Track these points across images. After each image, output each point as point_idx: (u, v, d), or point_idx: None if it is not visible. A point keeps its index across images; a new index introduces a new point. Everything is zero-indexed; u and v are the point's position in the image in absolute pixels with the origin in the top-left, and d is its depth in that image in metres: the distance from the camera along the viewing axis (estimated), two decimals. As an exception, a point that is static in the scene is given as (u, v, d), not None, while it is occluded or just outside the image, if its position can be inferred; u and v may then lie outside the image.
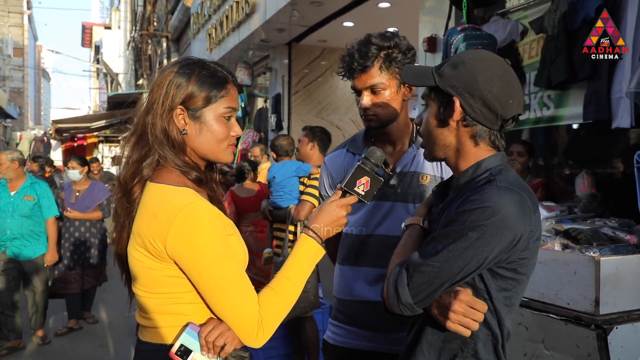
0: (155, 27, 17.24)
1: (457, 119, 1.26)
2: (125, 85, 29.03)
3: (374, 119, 1.74)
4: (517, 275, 1.24)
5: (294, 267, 1.33)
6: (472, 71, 1.25)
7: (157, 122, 1.31)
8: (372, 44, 1.69)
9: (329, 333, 1.89)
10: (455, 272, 1.18)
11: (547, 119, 3.59)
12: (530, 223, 1.20)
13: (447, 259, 1.18)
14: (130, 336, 4.79)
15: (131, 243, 1.30)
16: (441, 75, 1.27)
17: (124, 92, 22.00)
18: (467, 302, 1.21)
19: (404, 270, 1.23)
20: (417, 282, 1.20)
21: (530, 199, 1.22)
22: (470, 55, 1.30)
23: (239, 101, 1.42)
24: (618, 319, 2.08)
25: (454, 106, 1.26)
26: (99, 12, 52.82)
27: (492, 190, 1.19)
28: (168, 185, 1.29)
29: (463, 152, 1.30)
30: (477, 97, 1.24)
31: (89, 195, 5.37)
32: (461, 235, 1.17)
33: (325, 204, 1.39)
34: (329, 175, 1.93)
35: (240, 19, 7.89)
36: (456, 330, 1.21)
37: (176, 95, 1.31)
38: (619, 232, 2.37)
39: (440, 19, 4.56)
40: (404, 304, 1.22)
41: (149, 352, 1.31)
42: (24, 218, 4.64)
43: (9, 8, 40.07)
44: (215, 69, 1.36)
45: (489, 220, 1.16)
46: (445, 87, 1.26)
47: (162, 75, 1.35)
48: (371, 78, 1.70)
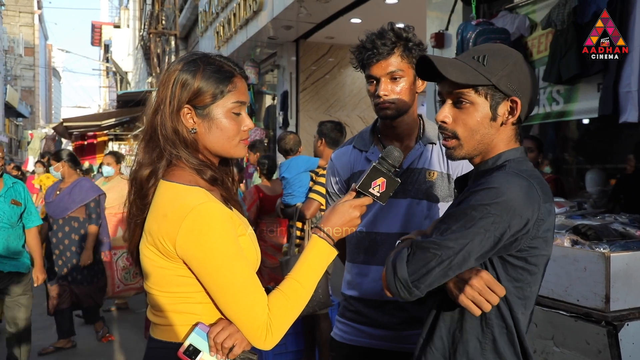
0: (164, 26, 17.30)
1: (515, 118, 1.27)
2: (134, 83, 29.18)
3: (392, 107, 1.71)
4: (527, 265, 1.23)
5: (304, 269, 1.31)
6: (522, 71, 1.26)
7: (167, 122, 1.29)
8: (392, 31, 1.70)
9: (336, 330, 1.89)
10: (455, 250, 1.17)
11: (556, 114, 3.56)
12: (538, 209, 1.19)
13: (448, 237, 1.18)
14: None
15: (143, 241, 1.30)
16: (493, 74, 1.24)
17: (134, 90, 22.11)
18: (487, 281, 1.19)
19: (405, 248, 1.23)
20: (416, 258, 1.19)
21: (541, 188, 1.21)
22: (512, 54, 1.28)
23: (248, 94, 1.38)
24: (629, 316, 2.07)
25: (517, 106, 1.25)
26: (108, 11, 53.07)
27: (500, 174, 1.20)
28: (180, 184, 1.28)
29: (496, 147, 1.29)
30: (526, 97, 1.26)
31: (69, 195, 4.51)
32: (464, 214, 1.18)
33: (338, 204, 1.35)
34: (335, 172, 1.92)
35: (248, 16, 7.89)
36: (467, 305, 1.19)
37: (182, 94, 1.29)
38: (629, 228, 2.35)
39: (447, 14, 4.54)
40: (400, 279, 1.20)
41: (160, 349, 1.32)
42: (10, 229, 3.68)
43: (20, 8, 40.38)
44: (221, 62, 1.33)
45: (493, 201, 1.16)
46: (504, 88, 1.24)
47: (167, 73, 1.32)
48: (391, 65, 1.69)
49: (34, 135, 22.28)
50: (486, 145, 1.29)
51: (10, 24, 38.65)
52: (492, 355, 1.25)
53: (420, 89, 1.77)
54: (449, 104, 1.30)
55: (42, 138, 19.87)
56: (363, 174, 1.34)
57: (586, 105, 3.31)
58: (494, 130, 1.27)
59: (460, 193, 1.40)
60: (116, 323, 5.43)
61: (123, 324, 5.39)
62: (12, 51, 37.71)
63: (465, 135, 1.28)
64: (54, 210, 4.56)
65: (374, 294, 1.78)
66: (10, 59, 35.01)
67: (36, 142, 19.85)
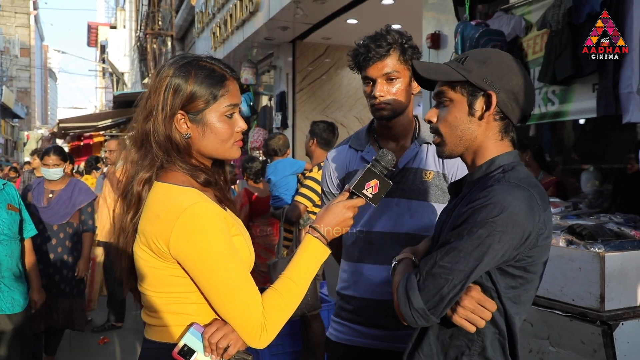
0: (160, 26, 17.29)
1: (492, 112, 1.27)
2: (130, 84, 29.15)
3: (387, 107, 1.73)
4: (526, 273, 1.23)
5: (298, 267, 1.32)
6: (502, 67, 1.27)
7: (160, 129, 1.29)
8: (388, 34, 1.72)
9: (332, 330, 1.90)
10: (467, 271, 1.17)
11: (551, 114, 3.57)
12: (539, 220, 1.19)
13: (458, 259, 1.17)
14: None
15: (136, 242, 1.30)
16: (469, 71, 1.27)
17: (130, 91, 22.08)
18: (478, 299, 1.20)
19: (412, 275, 1.22)
20: (428, 286, 1.18)
21: (540, 196, 1.21)
22: (494, 52, 1.32)
23: (240, 95, 1.39)
24: (624, 315, 2.07)
25: (491, 100, 1.26)
26: (104, 12, 53.00)
27: (501, 188, 1.19)
28: (173, 184, 1.28)
29: (485, 147, 1.30)
30: (508, 91, 1.26)
31: (69, 198, 4.07)
32: (470, 233, 1.17)
33: (331, 205, 1.37)
34: (331, 171, 1.93)
35: (244, 17, 7.89)
36: (461, 324, 1.21)
37: (175, 100, 1.29)
38: (624, 228, 2.35)
39: (444, 15, 4.55)
40: (416, 309, 1.18)
41: (154, 350, 1.32)
42: (13, 243, 3.02)
43: (16, 9, 40.28)
44: (213, 65, 1.33)
45: (498, 216, 1.15)
46: (478, 82, 1.26)
47: (157, 79, 1.32)
48: (387, 66, 1.72)
49: (30, 136, 22.24)
50: (469, 141, 1.30)
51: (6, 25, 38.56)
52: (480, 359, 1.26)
53: (416, 90, 1.79)
54: (435, 104, 1.36)
55: (38, 139, 19.83)
56: (357, 175, 1.36)
57: (582, 106, 3.32)
58: (474, 126, 1.29)
59: (454, 198, 1.40)
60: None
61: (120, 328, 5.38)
62: (8, 52, 37.60)
63: (446, 131, 1.32)
64: (53, 216, 4.00)
65: (369, 293, 1.78)
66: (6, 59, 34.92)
67: (32, 143, 19.81)
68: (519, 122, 1.32)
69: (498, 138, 1.30)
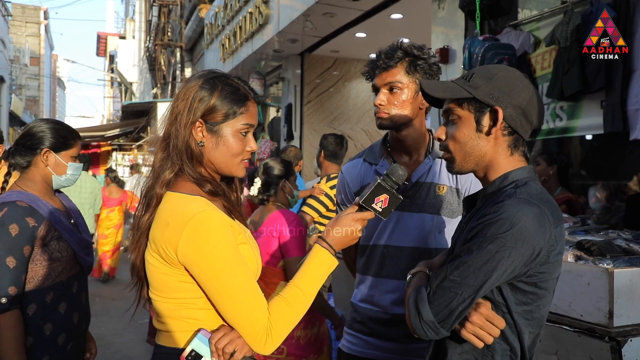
0: (169, 37, 17.46)
1: (499, 128, 1.28)
2: (139, 94, 29.35)
3: (386, 116, 1.75)
4: (537, 289, 1.24)
5: (306, 276, 1.34)
6: (508, 82, 1.28)
7: (180, 133, 1.35)
8: (400, 48, 1.74)
9: (344, 342, 1.89)
10: (476, 286, 1.18)
11: (560, 130, 3.59)
12: (550, 237, 1.20)
13: (468, 274, 1.18)
14: None
15: (148, 249, 1.34)
16: (476, 87, 1.29)
17: (138, 101, 22.24)
18: (487, 315, 1.20)
19: (423, 288, 1.23)
20: (438, 299, 1.19)
21: (551, 213, 1.22)
22: (500, 69, 1.33)
23: (257, 118, 1.46)
24: (632, 331, 2.06)
25: (497, 115, 1.27)
26: (114, 22, 53.61)
27: (511, 203, 1.20)
28: (182, 193, 1.33)
29: (496, 162, 1.31)
30: (516, 106, 1.27)
31: None
32: (480, 249, 1.18)
33: (341, 216, 1.39)
34: (345, 184, 1.95)
35: (254, 29, 7.97)
36: (469, 339, 1.21)
37: (198, 108, 1.35)
38: (632, 244, 2.35)
39: (452, 30, 4.58)
40: (426, 321, 1.20)
41: (164, 355, 1.34)
42: None
43: (26, 18, 40.76)
44: (238, 85, 1.40)
45: (507, 232, 1.16)
46: (485, 98, 1.28)
47: (186, 87, 1.39)
48: (391, 76, 1.73)
49: (38, 144, 22.30)
50: (479, 157, 1.31)
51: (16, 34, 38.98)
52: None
53: (426, 104, 1.79)
54: (444, 122, 1.38)
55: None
56: (367, 189, 1.38)
57: (589, 122, 3.33)
58: (483, 142, 1.30)
59: (467, 212, 1.41)
60: (119, 332, 5.42)
61: (126, 333, 5.38)
62: (18, 61, 37.97)
63: (454, 147, 1.33)
64: None
65: (382, 306, 1.79)
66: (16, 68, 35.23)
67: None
68: (529, 136, 1.33)
69: (508, 153, 1.31)
